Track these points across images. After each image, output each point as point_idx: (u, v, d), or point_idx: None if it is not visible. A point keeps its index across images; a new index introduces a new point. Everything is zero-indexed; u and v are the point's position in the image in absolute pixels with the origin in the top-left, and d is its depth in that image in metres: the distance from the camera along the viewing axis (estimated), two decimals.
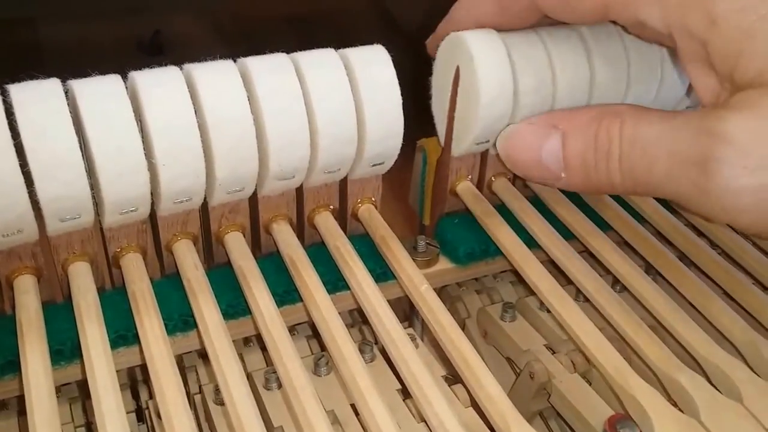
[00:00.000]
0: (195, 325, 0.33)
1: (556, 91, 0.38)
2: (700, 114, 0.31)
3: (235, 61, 0.34)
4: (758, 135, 0.29)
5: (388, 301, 0.35)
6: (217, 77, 0.33)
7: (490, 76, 0.36)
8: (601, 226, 0.41)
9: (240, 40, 0.97)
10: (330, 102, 0.34)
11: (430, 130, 0.42)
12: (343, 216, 0.40)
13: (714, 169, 0.30)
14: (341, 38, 1.00)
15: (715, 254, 0.40)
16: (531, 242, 0.40)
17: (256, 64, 0.34)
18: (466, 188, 0.42)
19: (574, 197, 0.42)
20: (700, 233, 0.42)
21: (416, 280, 0.36)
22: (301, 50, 0.35)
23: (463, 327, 0.43)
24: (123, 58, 0.90)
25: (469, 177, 0.42)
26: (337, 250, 0.37)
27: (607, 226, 0.42)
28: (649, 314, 0.36)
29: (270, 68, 0.34)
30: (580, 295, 0.41)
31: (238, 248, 0.37)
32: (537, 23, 0.39)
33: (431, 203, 0.44)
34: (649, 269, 0.41)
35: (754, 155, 0.29)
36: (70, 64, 0.85)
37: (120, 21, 0.94)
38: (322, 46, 0.36)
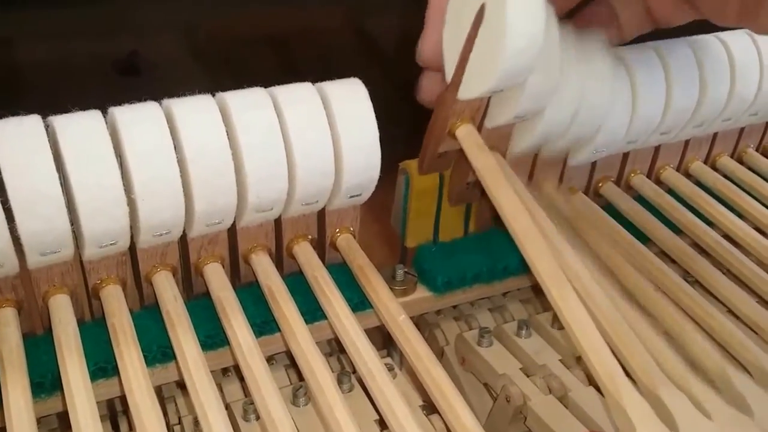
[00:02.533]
0: (174, 357, 0.35)
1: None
2: None
3: (213, 95, 0.36)
4: None
5: (367, 329, 0.37)
6: (195, 112, 0.34)
7: (521, 24, 0.34)
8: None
9: (218, 61, 0.98)
10: (307, 135, 0.36)
11: (410, 151, 0.43)
12: (321, 245, 0.42)
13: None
14: (319, 58, 1.02)
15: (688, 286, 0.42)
16: None
17: (234, 98, 0.35)
18: (467, 132, 0.39)
19: None
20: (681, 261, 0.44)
21: (393, 310, 0.38)
22: (279, 70, 0.37)
23: (441, 355, 0.45)
24: (99, 78, 0.91)
25: (472, 120, 0.40)
26: (316, 280, 0.39)
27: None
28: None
29: (248, 103, 0.35)
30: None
31: (216, 279, 0.38)
32: None
33: (423, 143, 0.42)
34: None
35: None
36: (45, 85, 0.87)
37: (95, 41, 0.95)
38: (301, 67, 0.38)
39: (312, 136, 0.36)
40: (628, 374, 0.34)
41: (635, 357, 0.34)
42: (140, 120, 0.33)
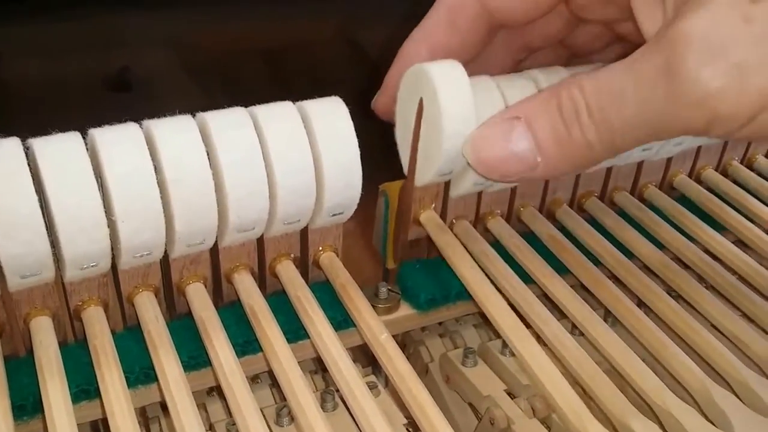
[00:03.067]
0: (156, 378, 0.35)
1: None
2: (654, 37, 0.33)
3: (194, 116, 0.36)
4: (713, 20, 0.30)
5: (352, 347, 0.37)
6: (175, 133, 0.34)
7: (454, 108, 0.37)
8: (560, 269, 0.43)
9: (211, 75, 0.98)
10: (288, 155, 0.36)
11: (396, 167, 0.44)
12: (304, 264, 0.42)
13: (680, 66, 0.31)
14: (311, 69, 1.02)
15: (672, 300, 0.42)
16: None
17: (214, 118, 0.35)
18: (429, 217, 0.43)
19: (533, 244, 0.44)
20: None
21: (376, 329, 0.37)
22: (271, 82, 0.37)
23: (426, 371, 0.45)
24: (89, 95, 0.92)
25: (433, 206, 0.44)
26: (298, 300, 0.39)
27: (565, 270, 0.44)
28: (605, 359, 0.38)
29: (228, 123, 0.35)
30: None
31: (198, 299, 0.38)
32: (489, 41, 0.42)
33: (394, 232, 0.45)
34: (608, 315, 0.43)
35: (714, 38, 0.30)
36: (34, 101, 0.86)
37: (86, 57, 0.95)
38: (293, 77, 0.38)
39: (293, 156, 0.36)
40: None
41: (604, 392, 0.35)
42: (120, 141, 0.33)
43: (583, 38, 0.42)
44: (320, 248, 0.42)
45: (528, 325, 0.39)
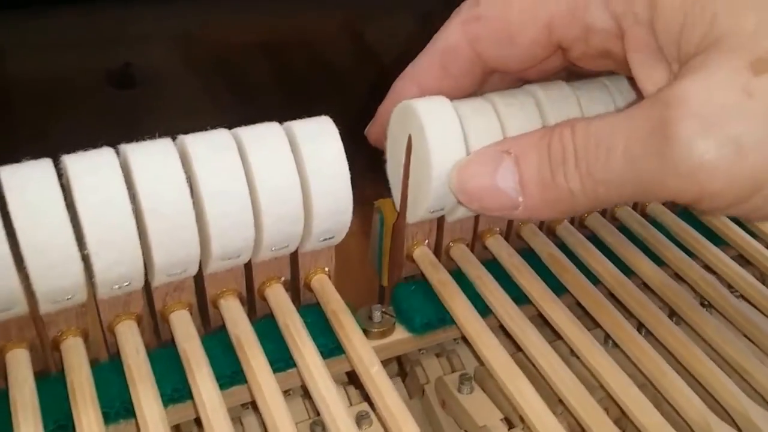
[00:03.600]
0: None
1: None
2: (652, 96, 0.30)
3: (174, 138, 0.33)
4: (710, 90, 0.28)
5: (345, 373, 0.35)
6: (153, 160, 0.31)
7: (442, 146, 0.35)
8: (559, 289, 0.40)
9: (214, 70, 0.95)
10: (274, 180, 0.33)
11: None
12: (295, 287, 0.39)
13: (673, 129, 0.28)
14: (316, 63, 0.99)
15: (673, 325, 0.39)
16: (487, 311, 0.39)
17: (194, 142, 0.32)
18: (422, 254, 0.41)
19: (533, 261, 0.42)
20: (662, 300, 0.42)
21: (367, 361, 0.35)
22: (276, 77, 0.35)
23: (422, 393, 0.42)
24: (92, 92, 0.89)
25: (426, 242, 0.41)
26: (287, 328, 0.36)
27: (564, 290, 0.41)
28: (601, 386, 0.36)
29: (209, 147, 0.32)
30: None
31: (182, 329, 0.35)
32: (483, 82, 0.39)
33: (388, 268, 0.43)
34: (607, 338, 0.40)
35: (712, 106, 0.28)
36: (35, 99, 0.83)
37: (88, 52, 0.92)
38: (297, 72, 0.36)
39: (279, 181, 0.33)
40: None
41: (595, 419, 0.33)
42: (93, 169, 0.31)
43: (583, 69, 0.39)
44: (312, 270, 0.39)
45: (519, 348, 0.37)
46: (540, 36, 0.35)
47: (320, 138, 0.34)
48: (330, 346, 0.37)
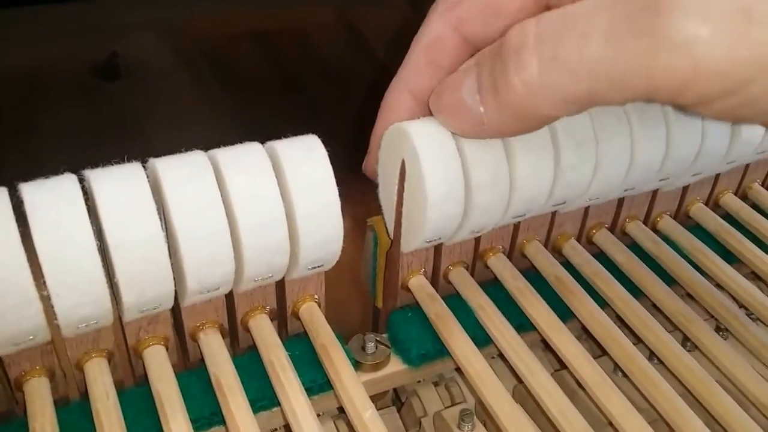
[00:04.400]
0: None
1: (515, 182, 0.34)
2: None
3: (145, 161, 0.29)
4: None
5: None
6: (119, 189, 0.28)
7: (438, 172, 0.32)
8: (566, 314, 0.37)
9: (203, 61, 0.91)
10: (255, 208, 0.30)
11: None
12: (282, 316, 0.36)
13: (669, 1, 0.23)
14: (309, 54, 0.94)
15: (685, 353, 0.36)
16: (486, 340, 0.36)
17: (166, 168, 0.29)
18: (418, 285, 0.38)
19: (537, 282, 0.38)
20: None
21: (359, 403, 0.31)
22: (267, 67, 0.31)
23: (418, 426, 0.39)
24: (76, 84, 0.85)
25: (423, 271, 0.38)
26: (271, 364, 0.33)
27: (571, 314, 0.38)
28: (610, 424, 0.33)
29: (183, 173, 0.29)
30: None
31: (156, 367, 0.32)
32: None
33: (382, 295, 0.39)
34: (616, 367, 0.37)
35: None
36: (15, 92, 0.79)
37: (71, 43, 0.88)
38: (289, 64, 0.32)
39: (260, 209, 0.30)
40: None
41: None
42: (52, 202, 0.27)
43: None
44: (300, 298, 0.36)
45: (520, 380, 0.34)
46: (526, 1, 0.31)
47: (307, 160, 0.31)
48: (319, 381, 0.34)
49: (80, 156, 0.71)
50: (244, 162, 0.30)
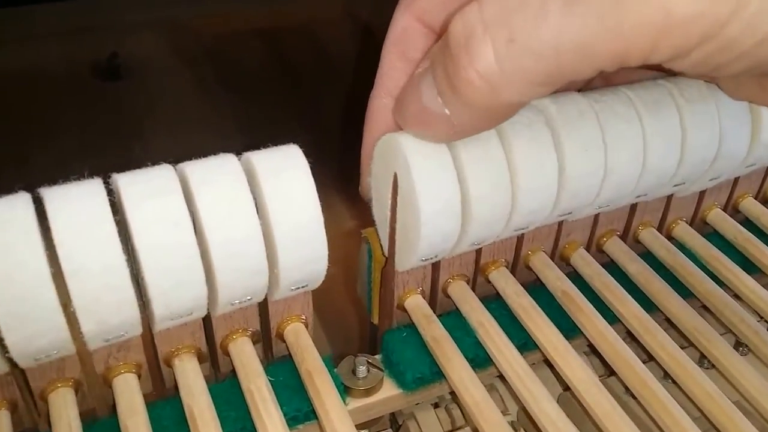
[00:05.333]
0: None
1: (517, 193, 0.31)
2: None
3: (108, 177, 0.27)
4: None
5: None
6: (76, 209, 0.25)
7: (431, 188, 0.29)
8: (573, 330, 0.34)
9: (205, 60, 0.89)
10: (228, 227, 0.27)
11: None
12: (266, 337, 0.33)
13: None
14: (314, 52, 0.91)
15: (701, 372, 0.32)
16: (487, 360, 0.33)
17: (128, 184, 0.26)
18: (415, 305, 0.35)
19: (543, 298, 0.35)
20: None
21: None
22: (271, 65, 0.28)
23: None
24: (76, 84, 0.82)
25: (419, 290, 0.35)
26: (250, 394, 0.30)
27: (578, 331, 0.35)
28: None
29: (147, 190, 0.26)
30: None
31: (125, 398, 0.29)
32: None
33: (378, 315, 0.36)
34: (627, 390, 0.34)
35: None
36: (15, 93, 0.76)
37: (72, 43, 0.86)
38: (295, 62, 0.29)
39: (234, 228, 0.27)
40: None
41: None
42: (4, 223, 0.24)
43: None
44: (285, 319, 0.33)
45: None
46: None
47: (286, 173, 0.28)
48: (305, 410, 0.31)
49: (79, 158, 0.68)
50: (216, 176, 0.27)
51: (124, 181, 0.26)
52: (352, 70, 0.85)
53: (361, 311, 0.41)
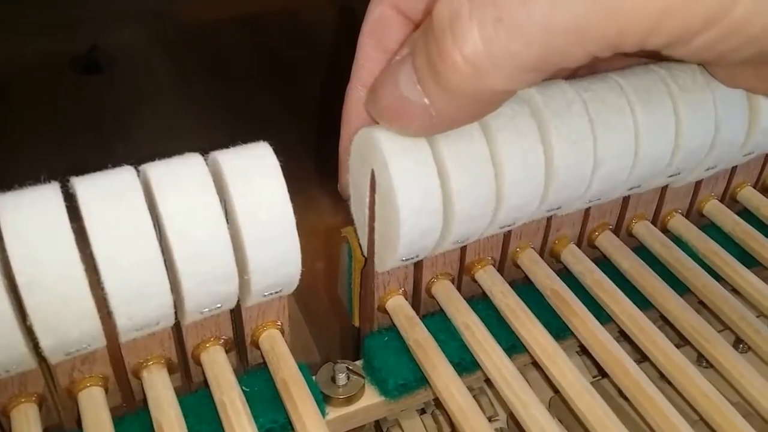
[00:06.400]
0: None
1: (502, 187, 0.30)
2: None
3: (66, 180, 0.25)
4: None
5: None
6: (29, 216, 0.24)
7: (410, 184, 0.28)
8: (563, 331, 0.33)
9: (187, 50, 0.87)
10: (193, 232, 0.25)
11: None
12: (241, 345, 0.32)
13: None
14: (299, 38, 0.90)
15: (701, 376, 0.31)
16: (474, 364, 0.32)
17: (87, 188, 0.25)
18: (396, 306, 0.33)
19: (531, 297, 0.34)
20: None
21: None
22: (255, 54, 0.26)
23: None
24: (55, 78, 0.81)
25: (401, 290, 0.34)
26: (223, 406, 0.28)
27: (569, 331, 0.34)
28: None
29: (107, 195, 0.25)
30: None
31: (90, 413, 0.28)
32: None
33: (359, 317, 0.35)
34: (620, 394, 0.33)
35: None
36: None
37: (50, 35, 0.84)
38: (278, 49, 0.27)
39: (199, 232, 0.26)
40: None
41: None
42: None
43: None
44: (260, 325, 0.31)
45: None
46: None
47: (255, 173, 0.26)
48: (281, 421, 0.30)
49: (58, 156, 0.67)
50: (180, 178, 0.26)
51: (83, 185, 0.25)
52: (338, 58, 0.83)
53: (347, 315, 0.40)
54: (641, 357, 0.34)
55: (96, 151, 0.69)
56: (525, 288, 0.35)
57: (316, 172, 0.63)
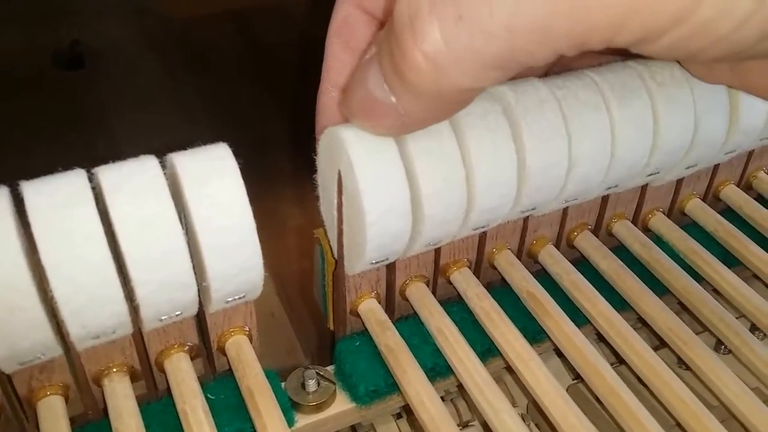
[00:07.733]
0: None
1: (473, 188, 0.29)
2: None
3: (16, 185, 0.25)
4: None
5: None
6: None
7: (377, 186, 0.27)
8: (539, 334, 0.33)
9: (173, 45, 0.86)
10: (146, 238, 0.25)
11: None
12: (208, 351, 0.31)
13: None
14: (287, 32, 0.89)
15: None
16: (447, 370, 0.31)
17: (34, 194, 0.24)
18: (368, 310, 0.33)
19: (507, 299, 0.33)
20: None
21: None
22: (243, 49, 0.26)
23: None
24: (36, 74, 0.80)
25: (374, 293, 0.33)
26: (185, 416, 0.28)
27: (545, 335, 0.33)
28: None
29: (55, 201, 0.24)
30: None
31: (48, 423, 0.27)
32: None
33: (332, 320, 0.34)
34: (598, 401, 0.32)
35: None
36: None
37: (31, 30, 0.83)
38: (267, 43, 0.27)
39: (153, 238, 0.25)
40: None
41: None
42: None
43: None
44: (226, 331, 0.31)
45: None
46: None
47: (212, 176, 0.26)
48: (247, 430, 0.29)
49: (40, 153, 0.66)
50: (133, 182, 0.25)
51: (30, 190, 0.24)
52: (322, 53, 0.82)
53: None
54: (618, 360, 0.33)
55: (78, 148, 0.68)
56: (502, 290, 0.35)
57: (305, 166, 0.63)
